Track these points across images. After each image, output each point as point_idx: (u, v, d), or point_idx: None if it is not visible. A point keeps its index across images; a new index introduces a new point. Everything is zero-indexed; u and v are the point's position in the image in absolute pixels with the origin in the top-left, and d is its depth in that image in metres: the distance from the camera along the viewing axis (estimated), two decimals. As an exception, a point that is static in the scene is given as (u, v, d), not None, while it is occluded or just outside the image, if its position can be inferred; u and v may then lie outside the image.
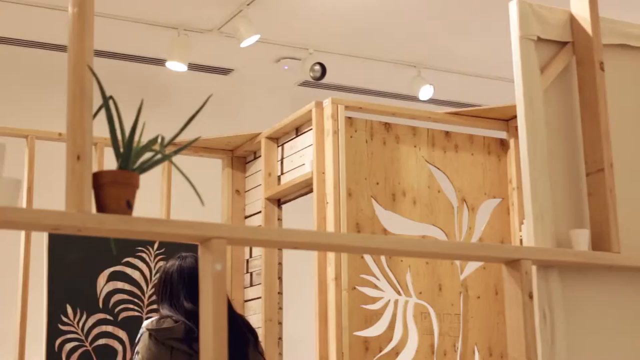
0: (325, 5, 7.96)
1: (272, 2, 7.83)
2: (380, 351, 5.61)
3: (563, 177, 3.82)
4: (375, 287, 5.67)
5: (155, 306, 6.23)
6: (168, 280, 4.36)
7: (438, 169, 6.06)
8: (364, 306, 5.62)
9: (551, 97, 3.88)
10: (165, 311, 4.31)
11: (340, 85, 9.56)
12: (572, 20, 4.01)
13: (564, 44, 3.98)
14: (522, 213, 6.02)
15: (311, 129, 5.97)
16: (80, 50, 2.52)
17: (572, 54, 3.97)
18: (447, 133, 6.17)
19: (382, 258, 5.73)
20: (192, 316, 4.15)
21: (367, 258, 5.68)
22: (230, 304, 4.21)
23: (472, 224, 6.08)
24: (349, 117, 5.86)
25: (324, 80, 8.86)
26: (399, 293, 5.74)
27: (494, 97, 8.22)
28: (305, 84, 9.48)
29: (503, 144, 6.33)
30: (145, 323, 4.30)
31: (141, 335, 4.27)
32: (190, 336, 4.14)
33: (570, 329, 3.60)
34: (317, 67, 8.69)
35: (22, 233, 6.29)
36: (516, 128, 3.90)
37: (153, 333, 4.20)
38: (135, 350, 4.25)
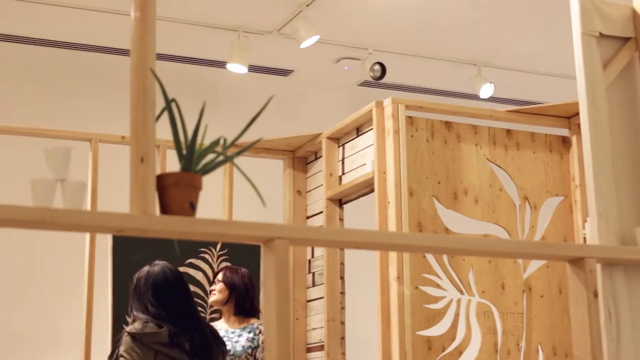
0: (385, 5, 7.95)
1: (331, 2, 7.83)
2: (443, 350, 5.59)
3: (627, 174, 3.78)
4: (438, 286, 5.66)
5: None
6: (137, 285, 4.63)
7: (500, 167, 6.02)
8: (427, 305, 5.60)
9: (614, 93, 3.83)
10: (139, 314, 4.49)
11: (400, 85, 9.54)
12: (635, 16, 3.97)
13: (627, 39, 3.93)
14: (585, 211, 5.96)
15: (372, 129, 5.97)
16: (142, 53, 2.54)
17: (634, 49, 3.93)
18: (508, 131, 6.13)
19: (444, 257, 5.71)
20: (161, 319, 4.40)
21: (429, 257, 5.66)
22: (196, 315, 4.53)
23: (535, 222, 6.03)
24: (410, 117, 5.84)
25: (384, 80, 8.84)
26: (461, 292, 5.71)
27: (555, 95, 8.15)
28: (365, 83, 9.47)
29: (565, 142, 6.27)
30: (128, 327, 4.45)
31: (121, 338, 4.41)
32: (173, 341, 4.35)
33: (636, 327, 3.56)
34: (377, 67, 8.67)
35: (87, 235, 6.36)
36: (578, 125, 3.87)
37: (137, 337, 4.35)
38: (119, 353, 4.37)
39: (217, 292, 5.68)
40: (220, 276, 5.71)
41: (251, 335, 5.51)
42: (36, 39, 8.45)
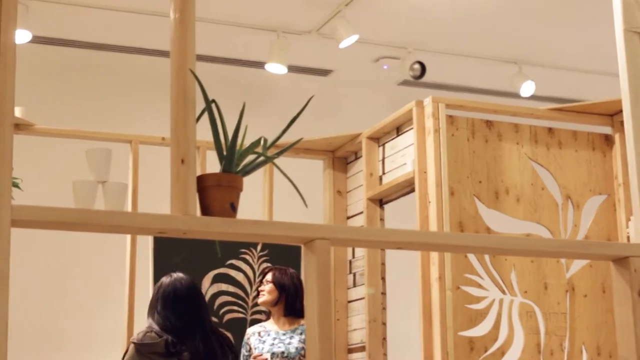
0: (424, 3, 7.92)
1: (370, 1, 7.81)
2: (486, 351, 5.55)
3: (671, 172, 3.73)
4: (480, 286, 5.62)
5: (259, 308, 6.27)
6: (153, 295, 4.76)
7: (541, 166, 5.98)
8: (469, 306, 5.57)
9: (658, 90, 3.79)
10: (149, 323, 4.63)
11: (440, 84, 9.50)
12: (678, 12, 3.92)
13: (670, 35, 3.88)
14: (628, 209, 5.91)
15: (412, 128, 5.94)
16: (182, 54, 2.54)
17: (678, 45, 3.87)
18: (550, 129, 6.08)
19: (486, 257, 5.67)
20: (165, 329, 4.52)
21: (471, 257, 5.63)
22: (206, 321, 4.61)
23: (578, 222, 5.98)
24: (450, 116, 5.82)
25: (424, 79, 8.81)
26: (503, 292, 5.68)
27: (597, 92, 8.08)
28: (405, 83, 9.44)
29: (608, 140, 6.21)
30: (133, 336, 4.61)
31: (129, 347, 4.56)
32: (169, 350, 4.45)
33: (682, 327, 3.51)
34: (417, 66, 8.65)
35: (128, 236, 6.38)
36: (621, 123, 3.83)
37: (137, 346, 4.48)
38: None
39: (266, 293, 5.64)
40: (269, 276, 5.67)
41: (303, 336, 5.46)
42: (76, 41, 8.50)
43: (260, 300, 5.72)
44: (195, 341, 4.55)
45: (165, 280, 4.76)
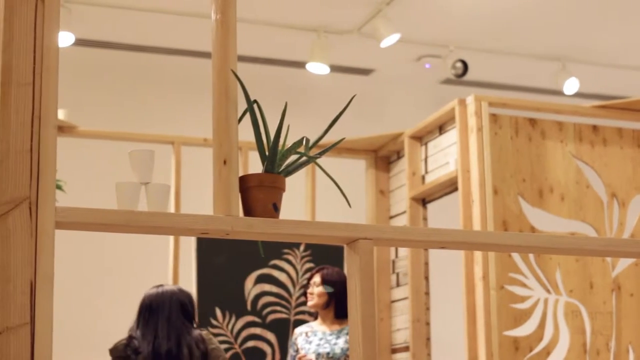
0: (465, 1, 7.89)
1: (411, 0, 7.80)
2: (531, 351, 5.52)
3: None
4: (524, 285, 5.59)
5: (302, 308, 6.27)
6: None
7: (586, 164, 5.93)
8: (513, 305, 5.54)
9: None
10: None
11: (482, 82, 9.45)
12: None
13: None
14: (675, 207, 5.85)
15: (455, 127, 5.92)
16: (224, 56, 2.55)
17: None
18: (594, 127, 6.03)
19: (531, 256, 5.64)
20: (136, 336, 4.88)
21: (515, 256, 5.59)
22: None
23: (623, 220, 5.93)
24: (493, 114, 5.79)
25: (466, 77, 8.78)
26: (548, 291, 5.63)
27: (642, 89, 8.02)
28: (447, 81, 9.41)
29: (653, 137, 6.16)
30: None
31: None
32: (127, 352, 4.81)
33: None
34: (459, 64, 8.62)
35: (171, 237, 6.41)
36: (668, 120, 3.78)
37: (110, 353, 4.91)
38: None
39: (315, 296, 5.48)
40: (317, 278, 5.50)
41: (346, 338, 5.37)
42: (119, 43, 8.55)
43: (309, 304, 5.54)
44: (155, 341, 4.78)
45: (147, 291, 5.15)
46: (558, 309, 5.64)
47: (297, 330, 5.62)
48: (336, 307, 5.46)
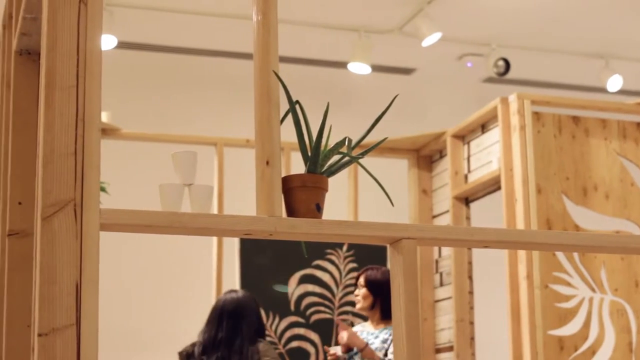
0: None
1: (452, -1, 7.79)
2: (576, 350, 5.48)
3: None
4: (569, 284, 5.55)
5: (345, 308, 6.27)
6: None
7: (630, 161, 5.88)
8: (558, 304, 5.51)
9: None
10: None
11: (525, 80, 9.40)
12: None
13: None
14: None
15: (497, 126, 5.90)
16: (265, 56, 2.55)
17: None
18: (638, 124, 5.98)
19: (575, 255, 5.60)
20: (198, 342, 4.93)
21: (560, 255, 5.56)
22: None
23: (669, 217, 5.88)
24: (536, 112, 5.76)
25: (509, 76, 8.74)
26: (593, 290, 5.59)
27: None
28: (489, 80, 9.37)
29: (699, 133, 6.09)
30: None
31: None
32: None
33: None
34: (501, 63, 8.58)
35: (214, 238, 6.43)
36: None
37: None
38: None
39: (361, 299, 5.39)
40: (361, 280, 5.41)
41: (387, 336, 5.32)
42: (161, 45, 8.59)
43: (357, 307, 5.48)
44: (221, 352, 4.81)
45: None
46: (603, 308, 5.60)
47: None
48: (381, 308, 5.35)
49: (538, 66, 9.23)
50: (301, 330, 6.30)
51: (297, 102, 2.54)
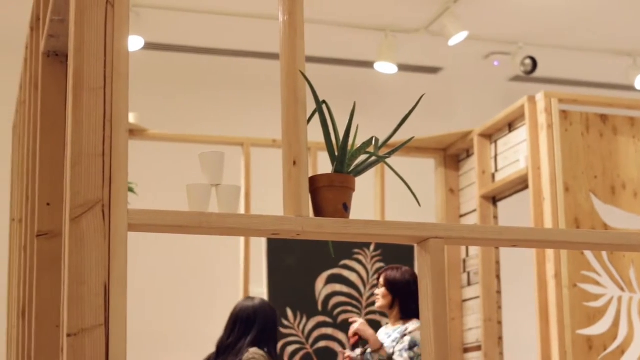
0: (534, -2, 7.84)
1: (479, -2, 7.77)
2: (605, 349, 5.46)
3: None
4: (597, 283, 5.53)
5: (373, 308, 6.26)
6: None
7: (659, 159, 5.85)
8: (586, 303, 5.48)
9: None
10: None
11: (552, 78, 9.37)
12: None
13: None
14: None
15: (524, 124, 5.88)
16: (292, 56, 2.55)
17: None
18: (667, 122, 5.96)
19: (604, 254, 5.57)
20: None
21: (588, 254, 5.54)
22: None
23: (698, 216, 5.84)
24: (563, 111, 5.73)
25: (536, 74, 8.71)
26: (622, 289, 5.57)
27: None
28: (516, 78, 9.35)
29: None
30: None
31: None
32: None
33: None
34: (528, 61, 8.55)
35: (242, 238, 6.44)
36: None
37: None
38: None
39: (380, 298, 5.40)
40: (381, 279, 5.42)
41: (397, 336, 5.29)
42: (187, 46, 8.62)
43: (376, 305, 5.50)
44: (223, 357, 4.98)
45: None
46: (632, 306, 5.57)
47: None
48: (400, 307, 5.36)
49: (565, 64, 9.19)
50: (329, 330, 6.30)
51: (324, 102, 2.54)
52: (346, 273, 6.45)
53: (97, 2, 2.17)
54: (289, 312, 6.24)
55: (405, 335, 5.17)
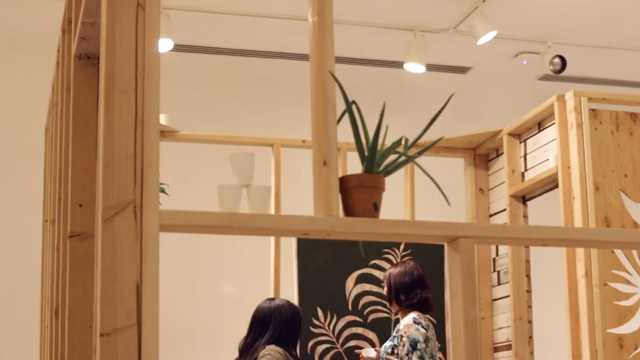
0: (563, -4, 7.82)
1: (507, -3, 7.75)
2: (636, 349, 5.44)
3: None
4: (628, 282, 5.51)
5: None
6: None
7: (690, 158, 5.82)
8: (617, 302, 5.46)
9: None
10: None
11: (581, 77, 9.33)
12: None
13: None
14: None
15: (554, 123, 5.87)
16: (321, 57, 2.56)
17: None
18: (698, 120, 5.92)
19: (634, 252, 5.56)
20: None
21: (618, 253, 5.52)
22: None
23: None
24: (593, 109, 5.72)
25: (565, 73, 8.67)
26: (653, 288, 5.55)
27: None
28: (545, 77, 9.31)
29: None
30: None
31: None
32: None
33: None
34: (557, 60, 8.52)
35: (272, 238, 6.46)
36: None
37: None
38: None
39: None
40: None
41: (396, 335, 5.25)
42: (216, 48, 8.64)
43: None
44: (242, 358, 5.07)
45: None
46: (663, 306, 5.54)
47: None
48: (395, 299, 5.31)
49: (594, 63, 9.15)
50: (359, 330, 6.31)
51: (354, 102, 2.55)
52: (376, 272, 6.45)
53: (128, 5, 2.19)
54: (319, 312, 6.25)
55: (402, 336, 5.10)
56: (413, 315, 5.16)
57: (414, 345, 5.06)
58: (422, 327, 5.08)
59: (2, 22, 8.06)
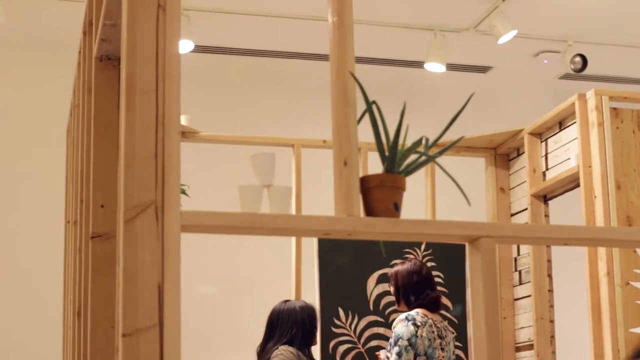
0: (583, -5, 7.79)
1: (528, -4, 7.74)
2: (659, 348, 5.41)
3: None
4: (650, 281, 5.49)
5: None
6: None
7: None
8: (639, 302, 5.44)
9: None
10: None
11: (602, 76, 9.30)
12: None
13: None
14: None
15: (575, 122, 5.85)
16: (341, 57, 2.56)
17: None
18: None
19: (657, 252, 5.53)
20: None
21: (640, 252, 5.50)
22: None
23: None
24: (614, 108, 5.70)
25: (586, 72, 8.65)
26: (676, 287, 5.52)
27: None
28: (566, 76, 9.29)
29: None
30: None
31: None
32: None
33: None
34: (578, 59, 8.50)
35: (293, 239, 6.46)
36: None
37: None
38: None
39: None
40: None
41: (389, 340, 5.21)
42: (237, 48, 8.66)
43: None
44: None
45: None
46: (686, 305, 5.52)
47: None
48: (403, 300, 5.27)
49: (615, 62, 9.12)
50: (380, 330, 6.30)
51: (374, 102, 2.55)
52: (397, 273, 6.44)
53: (149, 7, 2.20)
54: (341, 312, 6.25)
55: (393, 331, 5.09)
56: (413, 312, 5.09)
57: (395, 340, 5.01)
58: (413, 324, 5.00)
59: (23, 24, 8.10)
